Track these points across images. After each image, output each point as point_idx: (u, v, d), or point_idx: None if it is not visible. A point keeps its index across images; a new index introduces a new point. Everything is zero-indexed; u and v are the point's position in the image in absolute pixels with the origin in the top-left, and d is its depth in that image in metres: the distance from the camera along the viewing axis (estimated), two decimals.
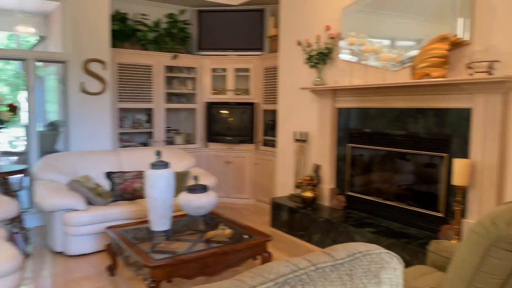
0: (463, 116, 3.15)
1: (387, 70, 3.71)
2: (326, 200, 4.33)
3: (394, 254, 0.97)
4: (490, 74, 2.91)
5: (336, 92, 4.17)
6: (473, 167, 3.06)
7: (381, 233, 3.42)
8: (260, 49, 5.70)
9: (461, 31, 3.12)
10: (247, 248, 2.98)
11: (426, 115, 3.42)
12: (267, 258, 3.10)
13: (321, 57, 4.28)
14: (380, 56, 3.71)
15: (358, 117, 4.02)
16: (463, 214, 3.14)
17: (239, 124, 5.79)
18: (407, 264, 3.12)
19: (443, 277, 2.15)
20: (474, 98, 3.04)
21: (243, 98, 5.78)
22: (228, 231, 3.14)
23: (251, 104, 5.74)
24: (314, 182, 4.37)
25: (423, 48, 3.33)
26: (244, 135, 5.77)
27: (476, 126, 3.04)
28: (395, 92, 3.61)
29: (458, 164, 3.02)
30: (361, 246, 0.93)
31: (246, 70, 5.75)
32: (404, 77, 3.58)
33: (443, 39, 3.21)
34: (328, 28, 4.23)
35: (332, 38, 4.21)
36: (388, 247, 3.28)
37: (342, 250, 0.90)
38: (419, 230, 3.49)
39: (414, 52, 3.45)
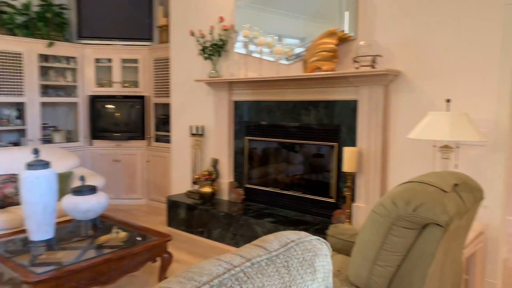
0: (350, 107, 3.37)
1: (281, 64, 3.79)
2: (225, 194, 4.28)
3: (323, 240, 0.92)
4: (373, 67, 3.15)
5: (232, 84, 4.14)
6: (360, 154, 3.29)
7: (280, 222, 3.49)
8: (149, 39, 5.39)
9: (347, 27, 3.32)
10: (145, 250, 2.76)
11: (318, 107, 3.58)
12: (168, 260, 2.92)
13: (215, 49, 4.19)
14: (274, 50, 3.77)
15: (255, 109, 4.05)
16: (353, 198, 3.37)
17: (128, 119, 5.41)
18: None
19: (346, 259, 2.25)
20: (360, 90, 3.27)
21: (131, 91, 5.40)
22: (122, 234, 2.87)
23: (141, 97, 5.40)
24: (212, 176, 4.28)
25: (313, 42, 3.47)
26: (134, 131, 5.41)
27: (362, 116, 3.27)
28: (289, 85, 3.71)
29: (347, 152, 3.22)
30: (291, 234, 0.87)
31: (134, 61, 5.38)
32: (297, 71, 3.70)
33: (331, 34, 3.38)
34: (221, 19, 4.16)
35: (226, 30, 4.15)
36: None
37: (274, 240, 0.83)
38: (314, 217, 3.66)
39: (305, 47, 3.58)
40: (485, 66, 2.75)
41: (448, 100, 2.60)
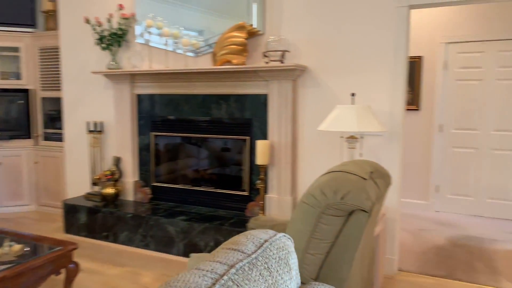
0: (261, 101, 3.42)
1: (189, 56, 3.68)
2: (130, 194, 4.03)
3: (288, 236, 0.90)
4: (282, 62, 3.23)
5: (135, 77, 3.89)
6: (272, 147, 3.37)
7: (194, 220, 3.41)
8: (32, 25, 4.77)
9: (255, 22, 3.36)
10: (48, 262, 2.45)
11: (228, 101, 3.56)
12: (74, 270, 2.63)
13: (114, 39, 3.89)
14: (181, 41, 3.64)
15: (161, 103, 3.86)
16: (265, 190, 3.44)
17: (8, 116, 4.74)
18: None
19: None
20: (270, 85, 3.33)
21: (12, 84, 4.74)
22: (17, 247, 2.51)
23: (25, 91, 4.77)
24: (115, 176, 3.99)
25: (222, 35, 3.43)
26: (17, 129, 4.76)
27: (272, 110, 3.35)
28: (198, 78, 3.62)
29: (260, 145, 3.27)
30: (261, 233, 0.83)
31: (15, 49, 4.73)
32: (205, 63, 3.62)
33: (240, 27, 3.38)
34: (121, 7, 3.87)
35: (126, 18, 3.88)
36: (203, 231, 3.29)
37: (247, 242, 0.78)
38: (227, 211, 3.65)
39: (213, 40, 3.53)
40: (381, 63, 3.02)
41: (353, 94, 2.79)
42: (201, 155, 3.83)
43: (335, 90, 3.17)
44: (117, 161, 4.05)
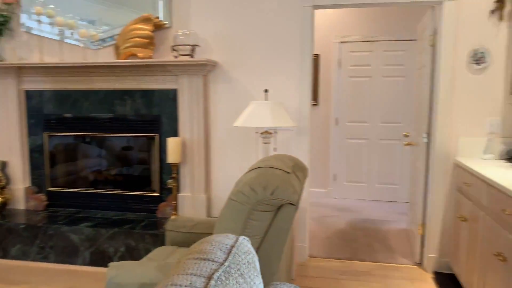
0: (170, 97, 3.30)
1: (88, 48, 3.38)
2: (21, 202, 3.57)
3: (246, 238, 0.88)
4: (192, 57, 3.16)
5: (22, 70, 3.44)
6: (184, 144, 3.28)
7: (100, 225, 3.16)
8: None
9: (161, 14, 3.22)
10: None
11: (134, 97, 3.36)
12: None
13: None
14: (78, 32, 3.32)
15: (56, 100, 3.49)
16: (178, 189, 3.34)
17: None
18: (134, 248, 3.05)
19: None
20: (179, 79, 3.23)
21: None
22: None
23: None
24: (1, 183, 3.49)
25: (126, 27, 3.23)
26: None
27: (182, 106, 3.25)
28: (99, 72, 3.34)
29: (171, 143, 3.16)
30: (224, 238, 0.79)
31: None
32: (107, 57, 3.37)
33: (145, 19, 3.21)
34: None
35: (8, 4, 3.41)
36: (111, 237, 3.08)
37: (213, 249, 0.74)
38: (136, 214, 3.46)
39: (115, 32, 3.29)
40: (289, 61, 3.13)
41: (266, 90, 2.85)
42: (105, 156, 3.56)
43: (247, 86, 3.20)
44: (2, 165, 3.56)
